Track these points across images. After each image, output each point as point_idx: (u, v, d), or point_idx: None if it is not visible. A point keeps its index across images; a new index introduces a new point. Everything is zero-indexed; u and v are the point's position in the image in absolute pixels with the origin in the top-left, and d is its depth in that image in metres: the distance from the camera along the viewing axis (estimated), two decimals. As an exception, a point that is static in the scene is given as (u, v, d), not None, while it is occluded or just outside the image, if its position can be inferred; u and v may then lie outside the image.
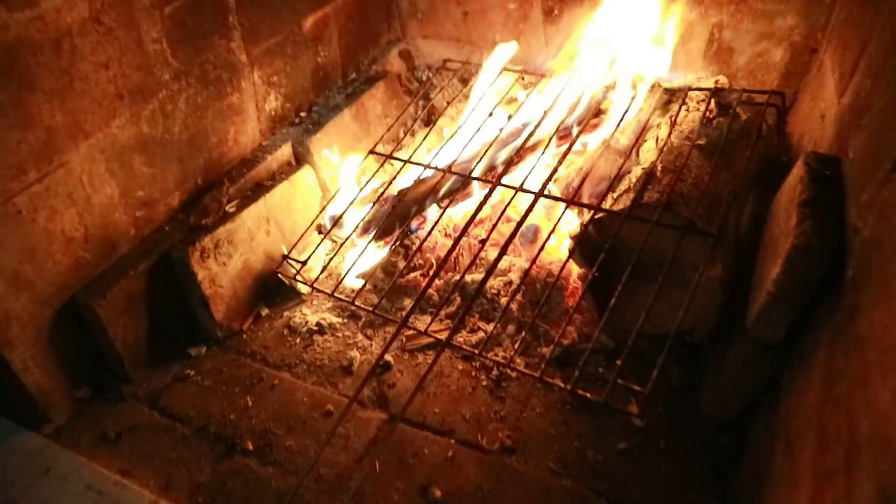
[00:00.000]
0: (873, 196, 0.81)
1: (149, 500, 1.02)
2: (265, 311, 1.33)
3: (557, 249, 1.35)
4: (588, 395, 0.94)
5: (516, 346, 1.17)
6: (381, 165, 1.39)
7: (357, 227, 1.32)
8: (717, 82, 1.34)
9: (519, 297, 1.27)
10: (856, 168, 0.93)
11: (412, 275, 1.33)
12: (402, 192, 1.33)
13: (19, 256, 0.99)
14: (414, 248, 1.34)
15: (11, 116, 0.92)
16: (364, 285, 1.26)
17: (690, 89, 1.30)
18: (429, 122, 1.63)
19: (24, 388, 1.06)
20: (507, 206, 1.20)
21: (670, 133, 1.20)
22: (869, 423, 0.63)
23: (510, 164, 1.30)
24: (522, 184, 1.20)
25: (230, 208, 1.28)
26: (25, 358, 1.04)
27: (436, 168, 1.31)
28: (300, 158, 1.45)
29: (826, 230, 0.91)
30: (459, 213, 1.44)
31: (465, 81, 1.65)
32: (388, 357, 1.22)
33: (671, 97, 1.32)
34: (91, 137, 1.05)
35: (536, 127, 1.31)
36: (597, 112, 1.33)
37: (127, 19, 1.05)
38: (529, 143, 1.31)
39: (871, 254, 0.77)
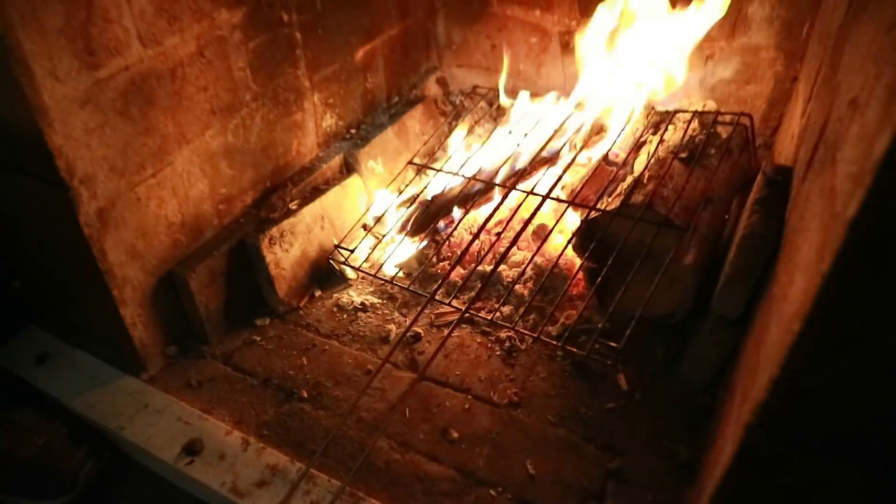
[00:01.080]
0: (797, 191, 1.04)
1: (224, 430, 1.28)
2: (318, 292, 1.60)
3: (563, 245, 1.59)
4: (574, 349, 1.18)
5: (525, 321, 1.41)
6: (417, 174, 1.66)
7: (396, 225, 1.58)
8: (703, 106, 1.57)
9: (530, 284, 1.51)
10: (796, 173, 1.15)
11: (441, 264, 1.58)
12: (434, 197, 1.60)
13: (135, 234, 1.27)
14: (442, 241, 1.59)
15: (139, 125, 1.21)
16: (399, 272, 1.52)
17: (678, 112, 1.54)
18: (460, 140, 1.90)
19: (131, 341, 1.34)
20: (518, 207, 1.45)
21: (658, 147, 1.44)
22: (765, 351, 0.85)
23: (524, 173, 1.55)
24: (533, 188, 1.45)
25: (292, 206, 1.55)
26: (134, 315, 1.32)
27: (463, 176, 1.57)
28: (350, 168, 1.73)
29: (770, 222, 1.13)
30: (482, 214, 1.69)
31: (491, 104, 1.91)
32: (419, 330, 1.47)
33: (662, 118, 1.55)
34: (191, 144, 1.33)
35: (548, 142, 1.56)
36: (599, 130, 1.58)
37: (222, 52, 1.34)
38: (541, 157, 1.56)
39: (787, 235, 1.00)
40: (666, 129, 1.50)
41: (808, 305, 0.58)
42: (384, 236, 1.57)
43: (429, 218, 1.58)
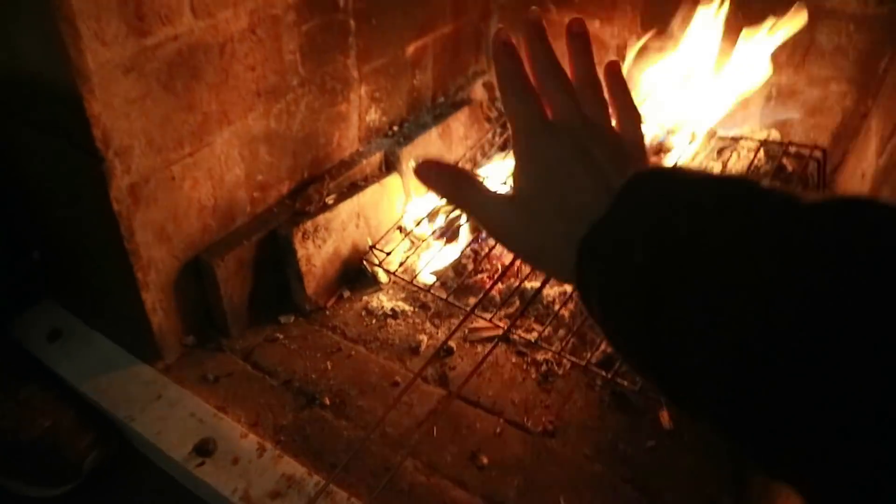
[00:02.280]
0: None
1: (240, 432, 1.20)
2: (347, 294, 1.52)
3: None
4: (625, 383, 1.09)
5: (565, 345, 1.33)
6: (461, 179, 1.58)
7: (434, 231, 1.50)
8: (768, 135, 1.49)
9: (571, 306, 1.42)
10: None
11: (479, 276, 1.50)
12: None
13: (166, 214, 1.20)
14: (483, 253, 1.51)
15: (182, 100, 1.14)
16: (436, 281, 1.44)
17: (742, 139, 1.46)
18: (504, 147, 1.82)
19: (149, 327, 1.26)
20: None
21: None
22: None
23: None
24: (586, 205, 1.37)
25: (329, 200, 1.47)
26: (154, 301, 1.25)
27: (509, 185, 1.49)
28: (390, 166, 1.65)
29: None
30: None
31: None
32: (451, 344, 1.39)
33: (725, 145, 1.47)
34: (232, 125, 1.26)
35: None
36: (657, 151, 1.50)
37: (274, 32, 1.27)
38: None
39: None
40: (730, 157, 1.42)
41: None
42: (422, 242, 1.49)
43: (470, 226, 1.50)
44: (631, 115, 0.53)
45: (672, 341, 0.37)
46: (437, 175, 0.52)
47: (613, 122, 0.52)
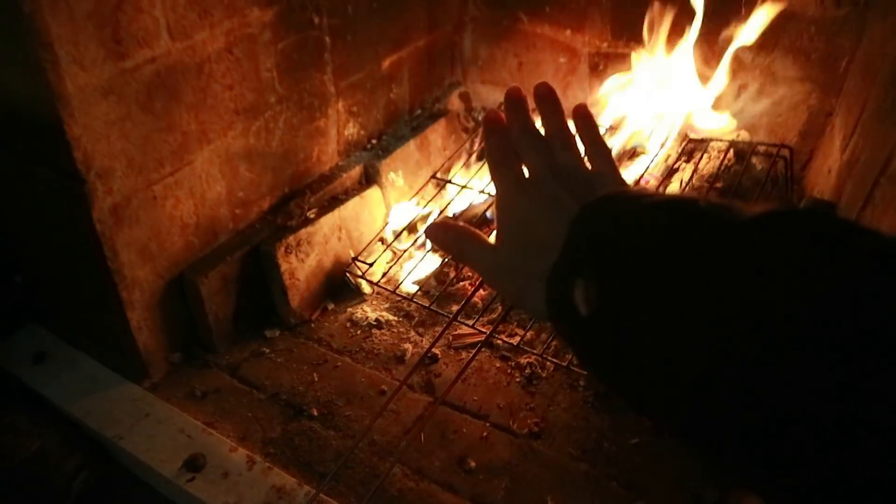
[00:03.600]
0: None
1: (229, 447, 1.21)
2: (331, 306, 1.54)
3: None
4: (607, 381, 1.12)
5: (546, 347, 1.35)
6: (439, 190, 1.61)
7: (415, 240, 1.53)
8: (737, 136, 1.53)
9: (552, 309, 1.45)
10: (843, 209, 1.11)
11: (461, 283, 1.53)
12: (457, 214, 1.54)
13: (148, 233, 1.21)
14: (463, 260, 1.54)
15: (162, 121, 1.15)
16: (418, 290, 1.46)
17: (713, 140, 1.50)
18: (482, 156, 1.85)
19: (135, 346, 1.27)
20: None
21: (692, 176, 1.40)
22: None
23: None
24: (562, 210, 1.39)
25: (310, 214, 1.49)
26: (140, 319, 1.26)
27: (488, 194, 1.52)
28: (370, 178, 1.67)
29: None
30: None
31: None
32: (436, 352, 1.41)
33: (696, 146, 1.51)
34: (212, 144, 1.28)
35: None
36: (631, 155, 1.53)
37: (251, 51, 1.29)
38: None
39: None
40: (700, 158, 1.46)
41: None
42: (404, 252, 1.52)
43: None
44: (601, 150, 0.58)
45: (630, 359, 0.39)
46: (443, 235, 0.58)
47: (587, 161, 0.55)
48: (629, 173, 1.55)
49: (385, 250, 1.51)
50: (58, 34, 0.94)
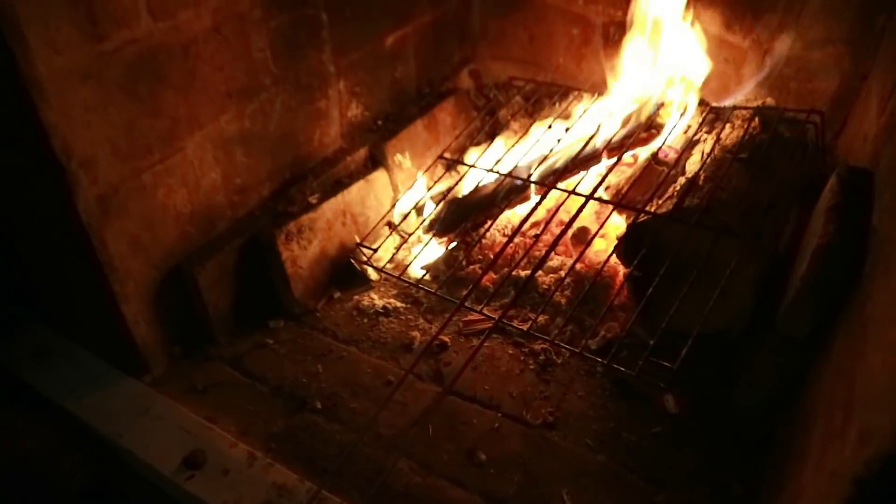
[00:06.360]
0: (890, 199, 0.90)
1: (229, 442, 1.17)
2: (337, 294, 1.48)
3: (608, 251, 1.46)
4: (622, 368, 1.04)
5: (559, 332, 1.28)
6: (448, 170, 1.54)
7: (423, 223, 1.46)
8: (763, 103, 1.43)
9: (568, 292, 1.38)
10: (882, 177, 1.01)
11: (471, 267, 1.46)
12: (465, 195, 1.47)
13: (140, 224, 1.17)
14: (473, 244, 1.47)
15: (147, 105, 1.10)
16: (426, 274, 1.40)
17: (736, 108, 1.40)
18: (493, 134, 1.77)
19: (133, 340, 1.23)
20: (558, 208, 1.32)
21: (714, 147, 1.30)
22: (862, 385, 0.72)
23: (565, 171, 1.42)
24: (575, 188, 1.32)
25: (312, 200, 1.44)
26: (136, 313, 1.22)
27: (497, 173, 1.45)
28: (376, 161, 1.61)
29: (849, 232, 0.99)
30: (518, 215, 1.57)
31: (527, 98, 1.79)
32: (445, 339, 1.35)
33: (718, 116, 1.41)
34: (204, 129, 1.23)
35: (591, 138, 1.43)
36: (648, 126, 1.44)
37: (241, 30, 1.23)
38: (584, 154, 1.43)
39: (882, 248, 0.86)
40: (723, 128, 1.36)
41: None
42: (410, 235, 1.45)
43: (459, 217, 1.45)
44: None
45: None
46: None
47: None
48: (647, 148, 1.46)
49: (391, 234, 1.45)
50: (25, 15, 0.89)
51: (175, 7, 1.10)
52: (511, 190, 1.44)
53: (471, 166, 1.48)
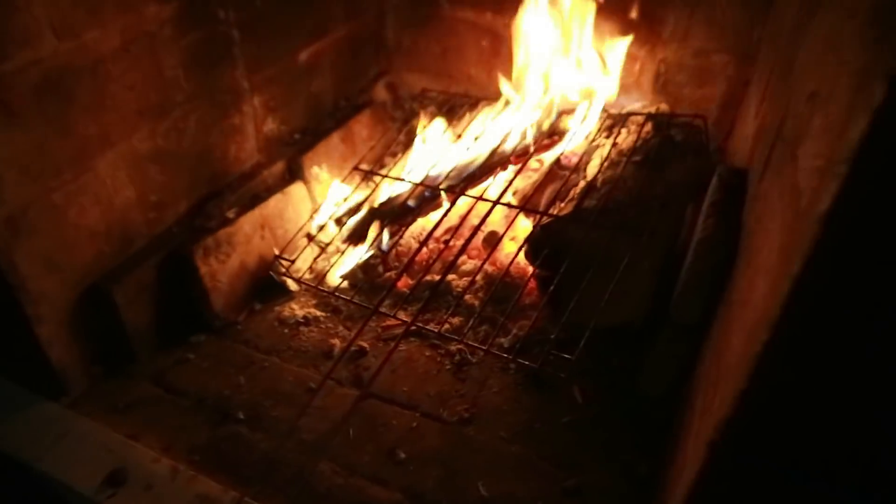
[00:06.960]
0: (754, 192, 1.00)
1: (152, 458, 1.17)
2: (258, 307, 1.50)
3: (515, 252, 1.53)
4: (525, 362, 1.11)
5: (468, 331, 1.34)
6: (364, 181, 1.58)
7: (340, 233, 1.50)
8: (656, 109, 1.54)
9: (480, 293, 1.44)
10: (752, 174, 1.12)
11: (388, 274, 1.51)
12: (380, 204, 1.52)
13: (52, 244, 1.16)
14: (388, 251, 1.52)
15: (56, 125, 1.11)
16: (343, 283, 1.44)
17: (631, 114, 1.50)
18: (408, 145, 1.83)
19: (48, 362, 1.22)
20: (468, 213, 1.39)
21: (611, 151, 1.40)
22: (725, 363, 0.80)
23: (474, 178, 1.49)
24: (483, 193, 1.39)
25: (230, 214, 1.45)
26: (51, 334, 1.21)
27: (410, 182, 1.50)
28: (293, 174, 1.64)
29: (725, 226, 1.09)
30: (433, 221, 1.62)
31: (440, 108, 1.86)
32: (365, 345, 1.39)
33: (615, 122, 1.52)
34: (116, 147, 1.23)
35: (499, 146, 1.51)
36: (551, 133, 1.53)
37: (151, 49, 1.24)
38: (492, 161, 1.51)
39: (745, 240, 0.96)
40: (619, 132, 1.46)
41: (776, 311, 0.52)
42: (328, 245, 1.49)
43: (375, 226, 1.50)
44: None
45: None
46: None
47: None
48: (550, 153, 1.55)
49: (308, 245, 1.48)
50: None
51: (81, 27, 1.11)
52: (423, 198, 1.50)
53: (384, 176, 1.54)
